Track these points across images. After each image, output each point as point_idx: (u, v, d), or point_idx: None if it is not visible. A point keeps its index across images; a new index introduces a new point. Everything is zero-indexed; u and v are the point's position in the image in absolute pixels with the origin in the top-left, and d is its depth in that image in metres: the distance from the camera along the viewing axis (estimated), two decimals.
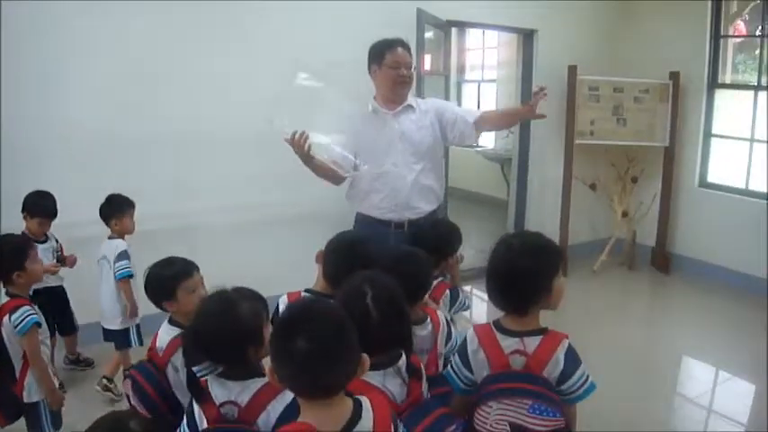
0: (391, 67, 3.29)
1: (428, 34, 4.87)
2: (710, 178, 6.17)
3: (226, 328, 1.85)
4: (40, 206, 3.69)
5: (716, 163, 6.18)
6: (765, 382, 4.01)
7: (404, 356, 1.94)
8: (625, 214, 6.40)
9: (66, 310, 4.03)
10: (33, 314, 2.72)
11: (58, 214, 3.73)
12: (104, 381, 3.82)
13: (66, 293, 3.99)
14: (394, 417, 1.71)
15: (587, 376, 1.96)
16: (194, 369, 2.06)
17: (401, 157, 3.32)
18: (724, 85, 6.11)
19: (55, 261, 3.82)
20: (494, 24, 6.16)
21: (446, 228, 3.19)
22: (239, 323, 1.85)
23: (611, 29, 6.55)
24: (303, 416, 1.53)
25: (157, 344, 2.41)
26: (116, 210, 3.73)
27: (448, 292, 2.93)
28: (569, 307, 3.02)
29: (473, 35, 9.63)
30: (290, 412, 1.70)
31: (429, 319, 2.37)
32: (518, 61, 6.43)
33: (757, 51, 6.14)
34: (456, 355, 2.11)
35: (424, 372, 2.03)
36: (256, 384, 1.85)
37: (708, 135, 6.16)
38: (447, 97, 5.73)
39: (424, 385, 2.01)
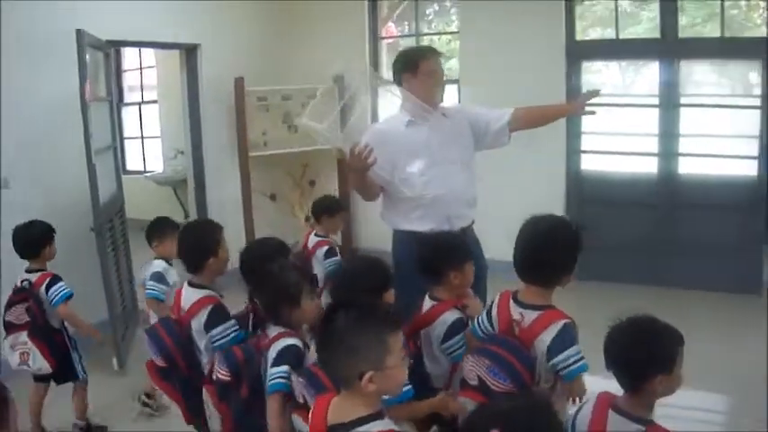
0: (427, 75, 3.24)
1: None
2: None
3: None
4: None
5: None
6: None
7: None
8: (308, 219, 6.51)
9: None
10: None
11: None
12: (144, 397, 3.75)
13: None
14: None
15: (575, 360, 2.13)
16: None
17: (449, 167, 3.27)
18: (388, 82, 6.52)
19: None
20: (156, 42, 5.88)
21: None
22: None
23: (275, 37, 6.56)
24: None
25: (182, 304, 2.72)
26: (157, 230, 3.74)
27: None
28: None
29: (129, 54, 9.03)
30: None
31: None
32: (182, 79, 6.17)
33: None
34: (483, 311, 2.48)
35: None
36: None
37: None
38: (112, 123, 5.31)
39: None
